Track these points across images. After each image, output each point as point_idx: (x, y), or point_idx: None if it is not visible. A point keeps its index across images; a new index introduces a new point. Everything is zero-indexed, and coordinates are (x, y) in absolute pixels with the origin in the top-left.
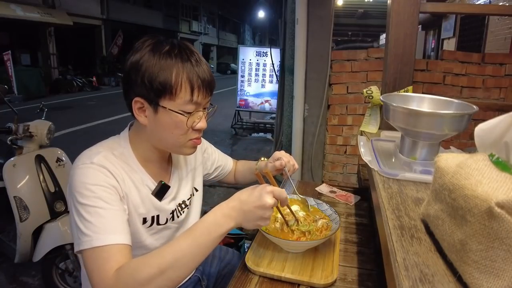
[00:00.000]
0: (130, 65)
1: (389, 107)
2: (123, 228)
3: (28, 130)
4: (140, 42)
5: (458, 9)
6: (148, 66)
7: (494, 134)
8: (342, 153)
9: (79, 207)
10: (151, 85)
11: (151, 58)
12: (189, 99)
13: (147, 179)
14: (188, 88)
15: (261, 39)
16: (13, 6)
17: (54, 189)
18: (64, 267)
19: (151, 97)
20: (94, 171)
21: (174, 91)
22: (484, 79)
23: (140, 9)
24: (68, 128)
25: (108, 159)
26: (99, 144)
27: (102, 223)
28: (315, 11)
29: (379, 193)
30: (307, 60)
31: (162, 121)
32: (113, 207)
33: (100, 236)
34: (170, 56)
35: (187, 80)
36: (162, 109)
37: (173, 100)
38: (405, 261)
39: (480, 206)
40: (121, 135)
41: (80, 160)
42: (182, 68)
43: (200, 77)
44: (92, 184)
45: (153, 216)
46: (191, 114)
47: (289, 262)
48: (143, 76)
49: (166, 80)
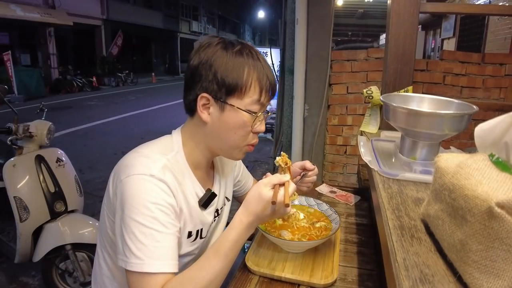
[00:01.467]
0: (199, 61)
1: (389, 107)
2: (173, 255)
3: (28, 130)
4: (207, 40)
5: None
6: (222, 63)
7: (494, 134)
8: (342, 153)
9: (133, 224)
10: (223, 82)
11: (224, 55)
12: (257, 99)
13: (196, 186)
14: (258, 87)
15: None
16: (13, 6)
17: (54, 189)
18: (64, 267)
19: (220, 94)
20: (154, 186)
21: (244, 89)
22: (484, 79)
23: (140, 9)
24: (68, 128)
25: (166, 171)
26: (151, 147)
27: (156, 247)
28: (315, 11)
29: (379, 193)
30: (307, 60)
31: (227, 120)
32: (168, 230)
33: (152, 262)
34: (242, 55)
35: (257, 80)
36: (230, 107)
37: (241, 99)
38: (405, 261)
39: (480, 206)
40: (173, 136)
41: (137, 168)
42: (253, 67)
43: (269, 78)
44: (151, 202)
45: (198, 230)
46: (256, 114)
47: (289, 262)
48: (215, 72)
49: (238, 77)
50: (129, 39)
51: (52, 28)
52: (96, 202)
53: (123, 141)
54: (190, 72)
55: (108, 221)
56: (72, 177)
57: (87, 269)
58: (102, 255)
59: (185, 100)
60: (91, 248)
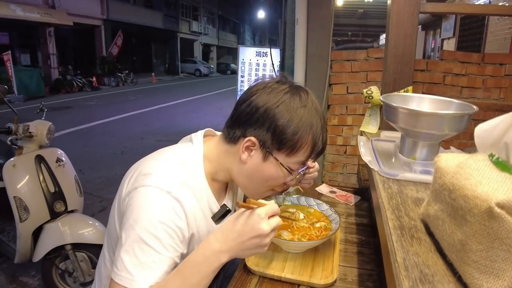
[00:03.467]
0: (264, 105)
1: (389, 107)
2: (163, 277)
3: (28, 130)
4: (275, 83)
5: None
6: (284, 117)
7: (494, 134)
8: (342, 153)
9: (134, 237)
10: (279, 137)
11: (290, 109)
12: (303, 160)
13: (212, 202)
14: (309, 151)
15: (261, 39)
16: (13, 6)
17: (54, 189)
18: (64, 267)
19: (271, 146)
20: (167, 205)
21: (295, 150)
22: (484, 79)
23: (140, 9)
24: (68, 128)
25: (184, 188)
26: (170, 155)
27: (150, 268)
28: (315, 11)
29: (379, 193)
30: (307, 60)
31: (265, 170)
32: (168, 253)
33: (141, 280)
34: (307, 111)
35: (311, 143)
36: (273, 160)
37: (289, 157)
38: (405, 261)
39: (480, 206)
40: (194, 146)
41: (153, 179)
42: (312, 128)
43: (323, 141)
44: (159, 221)
45: None
46: (294, 172)
47: (289, 262)
48: (273, 123)
49: (293, 137)
50: (129, 39)
51: (52, 28)
52: (96, 202)
53: (123, 141)
54: (249, 108)
55: (117, 222)
56: (72, 177)
57: (87, 269)
58: (109, 256)
59: (230, 129)
60: (91, 248)
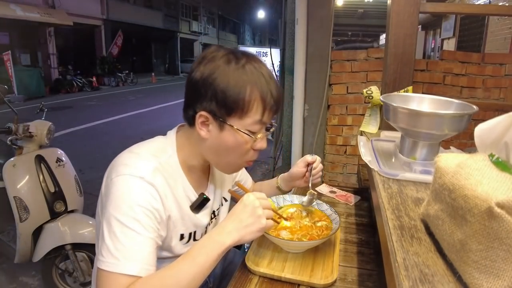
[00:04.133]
0: (201, 76)
1: (389, 107)
2: (149, 259)
3: (28, 130)
4: (212, 51)
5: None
6: (222, 81)
7: (494, 134)
8: (342, 153)
9: (114, 223)
10: (223, 102)
11: (226, 72)
12: (258, 119)
13: (188, 190)
14: (260, 108)
15: (261, 39)
16: (13, 6)
17: (54, 189)
18: (64, 267)
19: (220, 114)
20: (141, 189)
21: (245, 110)
22: (484, 79)
23: (140, 9)
24: (68, 128)
25: (157, 174)
26: (145, 148)
27: (133, 249)
28: (315, 11)
29: (379, 193)
30: (307, 60)
31: (225, 140)
32: (148, 233)
33: (127, 263)
34: (244, 70)
35: (260, 99)
36: (229, 127)
37: (242, 119)
38: (405, 261)
39: (480, 206)
40: (168, 138)
41: (127, 168)
42: (256, 84)
43: (273, 96)
44: (137, 204)
45: (191, 232)
46: (255, 134)
47: (289, 262)
48: (215, 91)
49: (238, 98)
50: (129, 39)
51: (52, 28)
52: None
53: (123, 141)
54: (190, 85)
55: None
56: (72, 177)
57: (87, 269)
58: None
59: (185, 112)
60: (91, 248)
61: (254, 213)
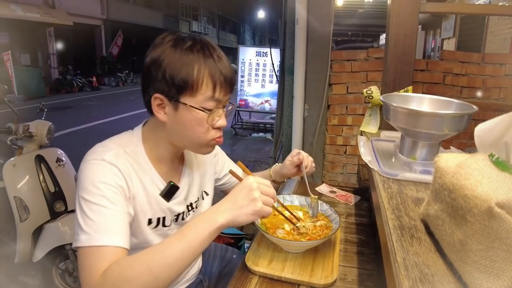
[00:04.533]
0: (150, 60)
1: (389, 107)
2: (123, 231)
3: (28, 130)
4: (161, 37)
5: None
6: (170, 62)
7: (494, 134)
8: (342, 153)
9: (83, 203)
10: (172, 81)
11: (173, 54)
12: (210, 96)
13: (156, 179)
14: (210, 84)
15: (261, 39)
16: (13, 6)
17: (54, 189)
18: (64, 267)
19: (172, 94)
20: (103, 168)
21: (195, 87)
22: (484, 79)
23: (140, 9)
24: (68, 128)
25: (119, 157)
26: (112, 140)
27: (103, 222)
28: (315, 11)
29: (379, 193)
30: (307, 60)
31: (182, 118)
32: (116, 207)
33: (99, 236)
34: (192, 51)
35: (209, 76)
36: (183, 106)
37: (194, 97)
38: (405, 261)
39: (480, 206)
40: (134, 131)
41: (91, 155)
42: (204, 63)
43: (222, 73)
44: (100, 181)
45: (159, 217)
46: (211, 111)
47: (289, 262)
48: (164, 71)
49: (187, 75)
50: (129, 39)
51: (52, 28)
52: None
53: None
54: (143, 71)
55: None
56: (72, 177)
57: None
58: None
59: (143, 99)
60: None
61: (249, 195)
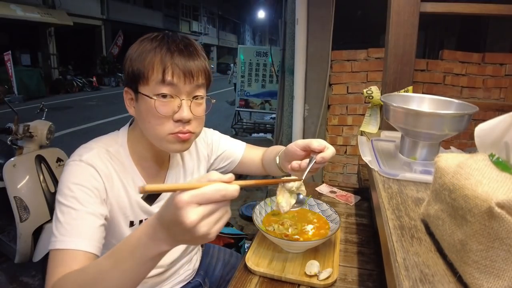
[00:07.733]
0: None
1: (389, 107)
2: (89, 234)
3: (28, 130)
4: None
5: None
6: (131, 54)
7: (494, 134)
8: (342, 153)
9: (57, 205)
10: (131, 72)
11: (136, 48)
12: (160, 79)
13: (138, 181)
14: (160, 67)
15: (261, 39)
16: (13, 6)
17: (54, 189)
18: None
19: (132, 85)
20: (80, 169)
21: (146, 73)
22: (484, 79)
23: (140, 9)
24: (68, 128)
25: (99, 157)
26: (96, 140)
27: (70, 225)
28: (315, 11)
29: (379, 193)
30: (307, 60)
31: (140, 109)
32: (86, 209)
33: (64, 238)
34: (151, 42)
35: (159, 61)
36: (140, 96)
37: (148, 84)
38: (405, 261)
39: (480, 206)
40: (120, 131)
41: (72, 156)
42: (158, 51)
43: (174, 57)
44: (74, 183)
45: (141, 220)
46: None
47: (289, 262)
48: (125, 65)
49: (140, 64)
50: (129, 39)
51: (52, 28)
52: None
53: None
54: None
55: None
56: None
57: None
58: None
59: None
60: None
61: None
